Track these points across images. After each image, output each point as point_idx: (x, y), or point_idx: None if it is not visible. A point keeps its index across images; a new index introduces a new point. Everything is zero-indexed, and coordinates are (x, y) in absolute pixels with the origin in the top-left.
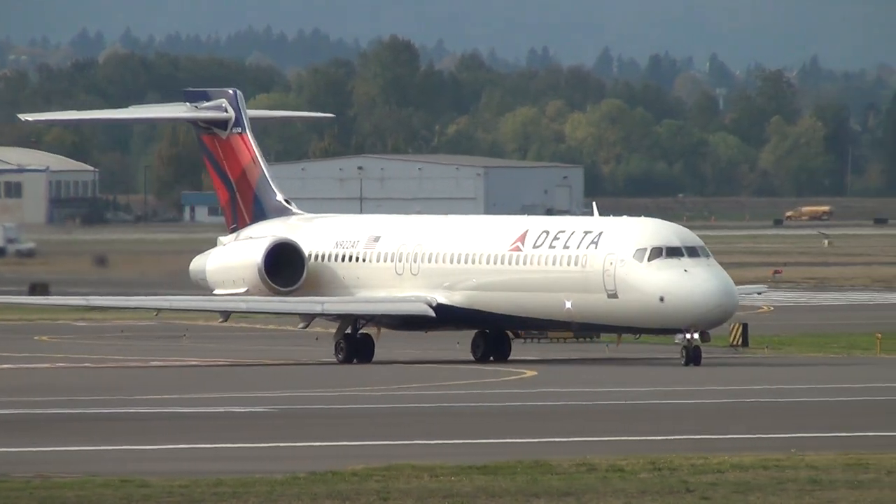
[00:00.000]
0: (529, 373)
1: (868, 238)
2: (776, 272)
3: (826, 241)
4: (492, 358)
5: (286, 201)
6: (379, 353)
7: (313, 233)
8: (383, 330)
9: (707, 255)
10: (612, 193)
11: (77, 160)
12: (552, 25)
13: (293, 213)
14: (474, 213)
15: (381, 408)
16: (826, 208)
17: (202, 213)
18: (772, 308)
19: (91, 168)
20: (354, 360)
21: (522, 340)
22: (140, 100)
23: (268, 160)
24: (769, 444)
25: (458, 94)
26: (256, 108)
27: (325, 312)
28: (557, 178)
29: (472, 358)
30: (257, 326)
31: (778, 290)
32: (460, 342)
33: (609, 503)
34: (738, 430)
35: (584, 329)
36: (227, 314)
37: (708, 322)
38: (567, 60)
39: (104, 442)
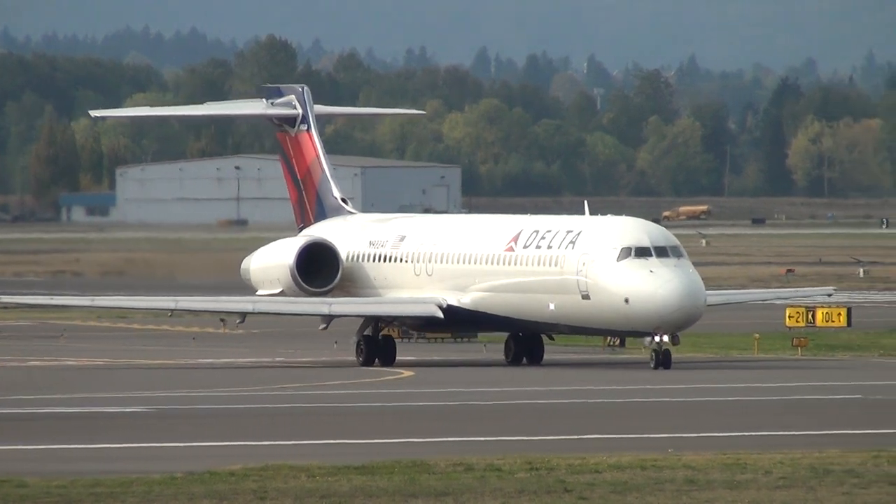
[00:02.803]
0: (407, 373)
1: (746, 238)
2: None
3: (704, 241)
4: (525, 360)
5: (343, 200)
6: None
7: (359, 233)
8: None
9: (678, 256)
10: (489, 193)
11: None
12: (429, 25)
13: (349, 213)
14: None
15: (258, 408)
16: (704, 208)
17: (79, 214)
18: None
19: None
20: (376, 362)
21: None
22: (17, 99)
23: (144, 160)
24: (647, 444)
25: (336, 93)
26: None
27: (332, 314)
28: (435, 178)
29: (504, 360)
30: (134, 326)
31: None
32: (338, 341)
33: (487, 503)
34: (616, 430)
35: (570, 332)
36: (242, 315)
37: (672, 324)
38: (444, 60)
39: None
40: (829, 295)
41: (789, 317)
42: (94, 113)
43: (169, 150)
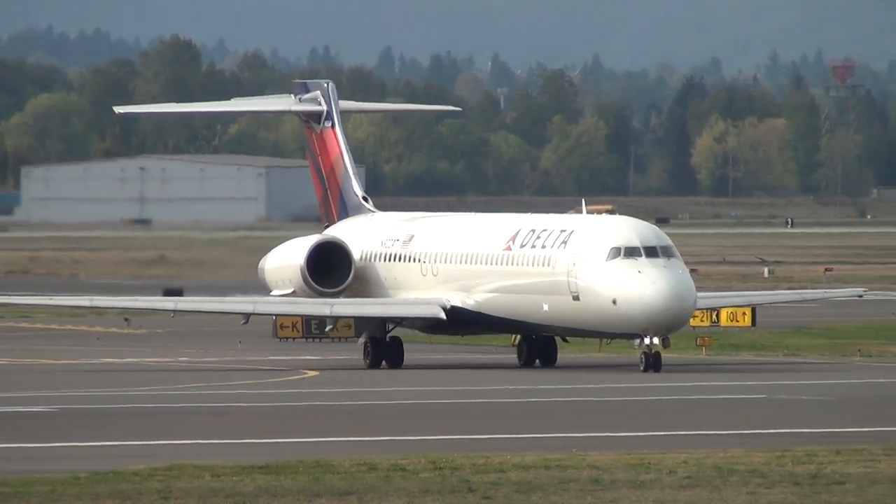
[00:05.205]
0: (311, 373)
1: None
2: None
3: None
4: (538, 362)
5: (363, 198)
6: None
7: (374, 233)
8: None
9: (668, 256)
10: (393, 193)
11: None
12: (334, 25)
13: (369, 211)
14: (255, 213)
15: (162, 407)
16: (608, 207)
17: None
18: None
19: None
20: (383, 364)
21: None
22: None
23: (49, 160)
24: (551, 444)
25: (241, 93)
26: (37, 108)
27: (334, 315)
28: None
29: (517, 362)
30: (38, 326)
31: None
32: (242, 341)
33: (391, 503)
34: (521, 430)
35: (564, 333)
36: (246, 316)
37: (659, 326)
38: (348, 60)
39: None
40: (860, 296)
41: (693, 316)
42: (118, 109)
43: (74, 151)
